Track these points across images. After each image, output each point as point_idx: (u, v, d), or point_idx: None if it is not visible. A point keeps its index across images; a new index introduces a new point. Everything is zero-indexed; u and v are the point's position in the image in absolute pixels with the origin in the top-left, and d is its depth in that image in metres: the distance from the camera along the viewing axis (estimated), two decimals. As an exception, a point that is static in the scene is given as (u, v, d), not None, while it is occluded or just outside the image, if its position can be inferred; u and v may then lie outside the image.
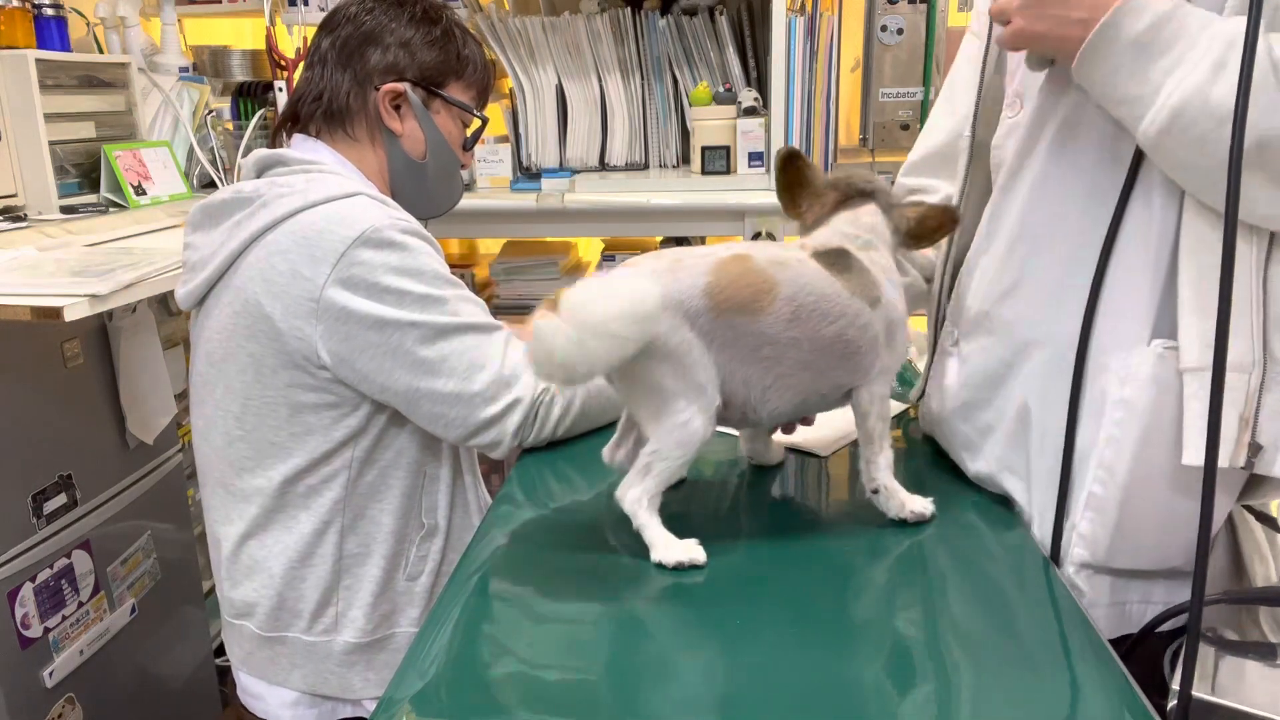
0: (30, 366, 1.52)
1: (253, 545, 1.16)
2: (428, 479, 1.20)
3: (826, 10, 1.92)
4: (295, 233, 1.07)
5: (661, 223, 2.00)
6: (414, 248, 1.08)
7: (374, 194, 1.14)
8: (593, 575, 0.86)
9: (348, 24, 1.20)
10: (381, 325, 1.05)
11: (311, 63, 1.22)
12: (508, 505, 1.02)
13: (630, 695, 0.70)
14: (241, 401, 1.12)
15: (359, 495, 1.15)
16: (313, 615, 1.16)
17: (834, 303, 0.87)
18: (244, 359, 1.10)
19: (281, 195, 1.09)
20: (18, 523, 1.48)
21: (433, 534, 1.21)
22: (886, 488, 0.92)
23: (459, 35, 1.24)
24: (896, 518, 0.92)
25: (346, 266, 1.04)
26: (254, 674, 1.21)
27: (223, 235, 1.12)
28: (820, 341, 0.87)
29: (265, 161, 1.17)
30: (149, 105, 2.09)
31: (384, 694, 0.70)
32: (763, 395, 0.89)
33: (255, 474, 1.14)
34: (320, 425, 1.11)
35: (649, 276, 0.83)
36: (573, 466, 1.11)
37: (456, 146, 1.27)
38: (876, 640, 0.75)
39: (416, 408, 1.10)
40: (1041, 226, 0.92)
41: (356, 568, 1.17)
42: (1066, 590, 0.82)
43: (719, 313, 0.84)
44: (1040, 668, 0.71)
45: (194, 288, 1.15)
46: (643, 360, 0.83)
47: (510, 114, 2.17)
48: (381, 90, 1.18)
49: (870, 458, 0.93)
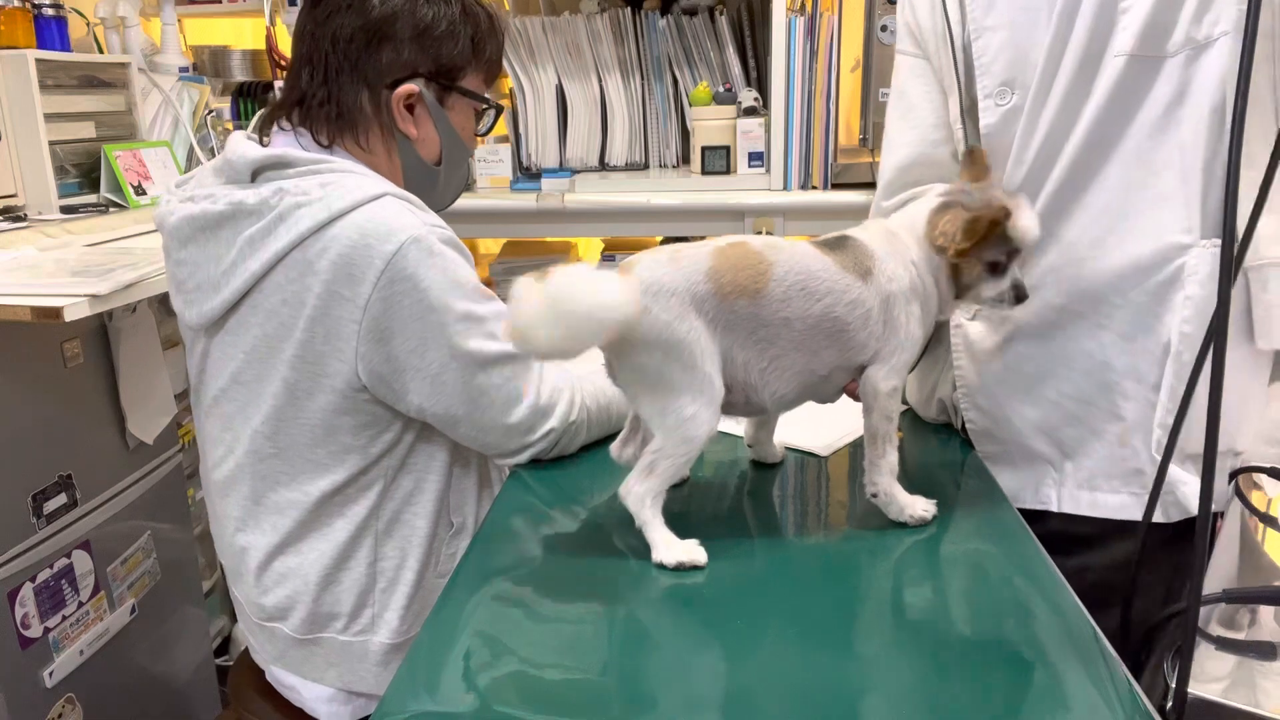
0: (30, 366, 1.52)
1: (288, 555, 1.13)
2: (456, 478, 1.19)
3: (826, 10, 1.92)
4: (329, 250, 0.99)
5: (661, 223, 2.00)
6: (453, 259, 1.03)
7: (398, 192, 1.05)
8: (593, 576, 0.86)
9: (350, 11, 1.06)
10: (424, 348, 1.02)
11: (310, 57, 1.08)
12: (509, 506, 1.02)
13: (630, 695, 0.70)
14: (274, 423, 1.08)
15: (394, 501, 1.14)
16: (350, 617, 1.15)
17: (820, 280, 0.87)
18: (278, 383, 1.06)
19: (298, 205, 1.00)
20: (18, 523, 1.48)
21: (461, 531, 1.20)
22: (887, 493, 0.92)
23: (476, 11, 1.12)
24: (897, 521, 0.92)
25: (389, 284, 0.99)
26: (289, 670, 1.19)
27: (231, 252, 1.04)
28: (809, 320, 0.87)
29: (263, 163, 1.05)
30: (149, 105, 2.09)
31: (385, 694, 0.70)
32: (761, 378, 0.89)
33: (291, 488, 1.11)
34: (357, 444, 1.09)
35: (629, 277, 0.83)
36: (573, 467, 1.12)
37: (469, 139, 1.20)
38: (876, 640, 0.75)
39: (454, 430, 1.10)
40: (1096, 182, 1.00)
41: (393, 571, 1.16)
42: (1067, 589, 0.82)
43: (723, 296, 0.84)
44: (1040, 667, 0.71)
45: (210, 309, 1.07)
46: (648, 353, 0.83)
47: (510, 114, 2.17)
48: (396, 93, 1.09)
49: (872, 459, 0.92)
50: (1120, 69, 0.95)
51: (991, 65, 1.03)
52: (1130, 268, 0.99)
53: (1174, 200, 0.97)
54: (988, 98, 1.04)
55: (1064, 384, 1.05)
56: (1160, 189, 0.97)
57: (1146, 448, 1.01)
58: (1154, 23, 0.93)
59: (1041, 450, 1.09)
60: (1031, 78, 1.01)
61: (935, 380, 1.17)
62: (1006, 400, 1.09)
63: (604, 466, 1.06)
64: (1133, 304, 1.00)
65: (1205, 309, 0.94)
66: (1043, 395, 1.07)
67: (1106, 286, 1.00)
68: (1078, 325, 1.03)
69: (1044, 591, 0.82)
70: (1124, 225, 0.99)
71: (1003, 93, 1.03)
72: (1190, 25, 0.93)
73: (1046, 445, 1.08)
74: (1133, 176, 0.98)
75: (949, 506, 0.95)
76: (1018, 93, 1.02)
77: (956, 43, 1.06)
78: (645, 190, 1.98)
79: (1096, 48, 0.97)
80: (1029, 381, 1.07)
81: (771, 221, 1.91)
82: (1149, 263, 0.98)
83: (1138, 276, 0.99)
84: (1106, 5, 0.95)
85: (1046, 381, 1.06)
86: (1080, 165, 0.99)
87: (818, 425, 1.13)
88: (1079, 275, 1.01)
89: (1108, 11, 0.95)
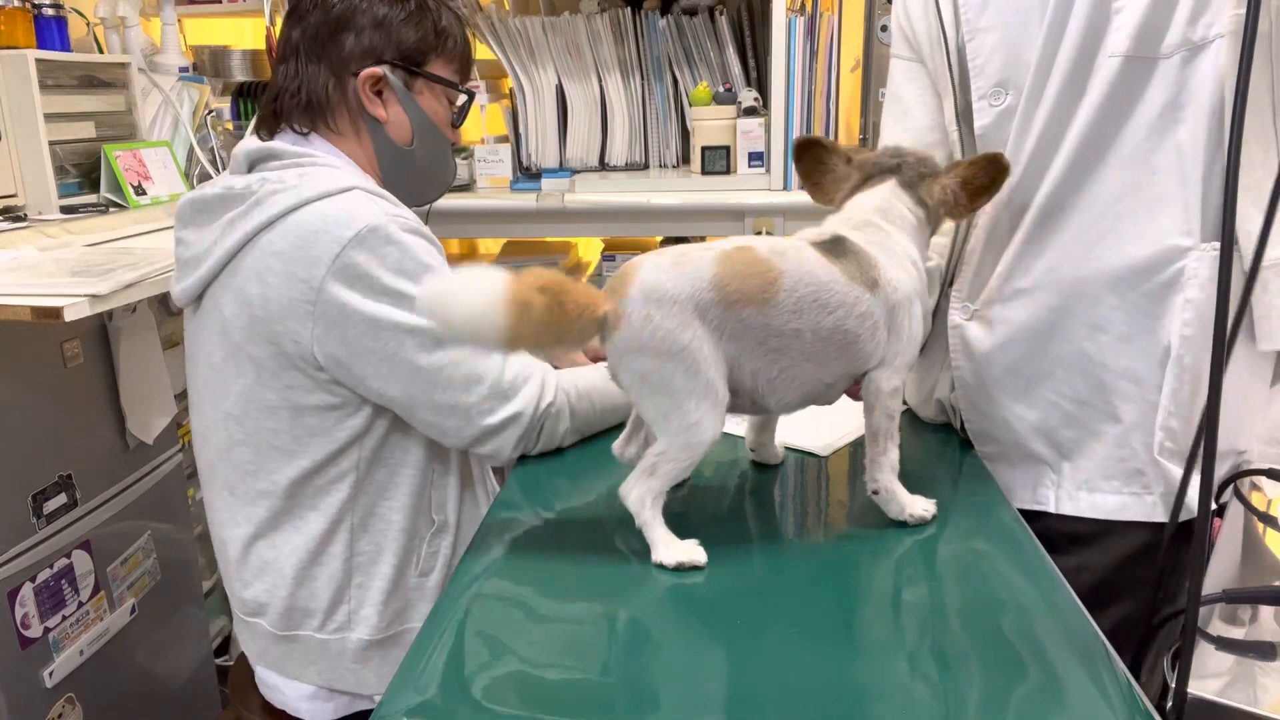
0: (30, 366, 1.52)
1: (262, 546, 1.15)
2: (436, 475, 1.19)
3: (826, 10, 1.92)
4: (290, 232, 1.05)
5: (661, 223, 2.00)
6: (412, 246, 1.06)
7: (370, 187, 1.11)
8: (593, 576, 0.86)
9: (316, 10, 1.15)
10: (378, 329, 1.04)
11: (284, 56, 1.17)
12: (508, 506, 1.02)
13: (630, 695, 0.70)
14: (243, 405, 1.11)
15: (368, 494, 1.15)
16: (325, 614, 1.16)
17: (832, 292, 0.86)
18: (244, 361, 1.09)
19: (275, 192, 1.07)
20: (18, 523, 1.48)
21: (443, 530, 1.21)
22: (888, 489, 0.92)
23: (434, 6, 1.19)
24: (897, 519, 0.92)
25: (343, 266, 1.03)
26: (271, 668, 1.21)
27: (216, 233, 1.10)
28: (821, 332, 0.87)
29: (256, 155, 1.14)
30: (149, 105, 2.09)
31: (384, 694, 0.70)
32: (770, 386, 0.88)
33: (259, 477, 1.13)
34: (323, 427, 1.11)
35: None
36: (573, 467, 1.12)
37: (444, 126, 1.24)
38: (876, 641, 0.75)
39: (413, 415, 1.10)
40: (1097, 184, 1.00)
41: (368, 566, 1.17)
42: (1067, 589, 0.82)
43: (728, 305, 0.83)
44: (1040, 667, 0.71)
45: (189, 285, 1.13)
46: (651, 359, 0.82)
47: (510, 114, 2.17)
48: (360, 77, 1.15)
49: (873, 456, 0.92)
50: (1115, 70, 0.95)
51: (985, 66, 1.03)
52: (1129, 270, 0.99)
53: (1173, 202, 0.96)
54: (982, 99, 1.04)
55: (1062, 385, 1.05)
56: (1159, 191, 0.97)
57: (1146, 449, 1.01)
58: (1148, 24, 0.93)
59: (1039, 451, 1.08)
60: (1025, 78, 1.00)
61: (934, 380, 1.17)
62: (1004, 401, 1.09)
63: (604, 466, 1.06)
64: (1131, 306, 0.99)
65: (1206, 312, 0.94)
66: (1040, 396, 1.06)
67: (1104, 288, 1.00)
68: (1075, 327, 1.03)
69: (1044, 591, 0.82)
70: (1122, 227, 0.99)
71: (997, 93, 1.03)
72: (1186, 27, 0.92)
73: (1044, 446, 1.08)
74: (1130, 178, 0.98)
75: (948, 506, 0.95)
76: (1011, 93, 1.02)
77: (951, 45, 1.06)
78: (645, 190, 1.98)
79: (1090, 48, 0.96)
80: (1026, 383, 1.07)
81: (771, 221, 1.91)
82: (1148, 265, 0.98)
83: (1136, 279, 0.99)
84: (1100, 5, 0.95)
85: (1044, 383, 1.06)
86: (1077, 166, 0.99)
87: (818, 425, 1.13)
88: (1077, 277, 1.01)
89: (1101, 11, 0.95)
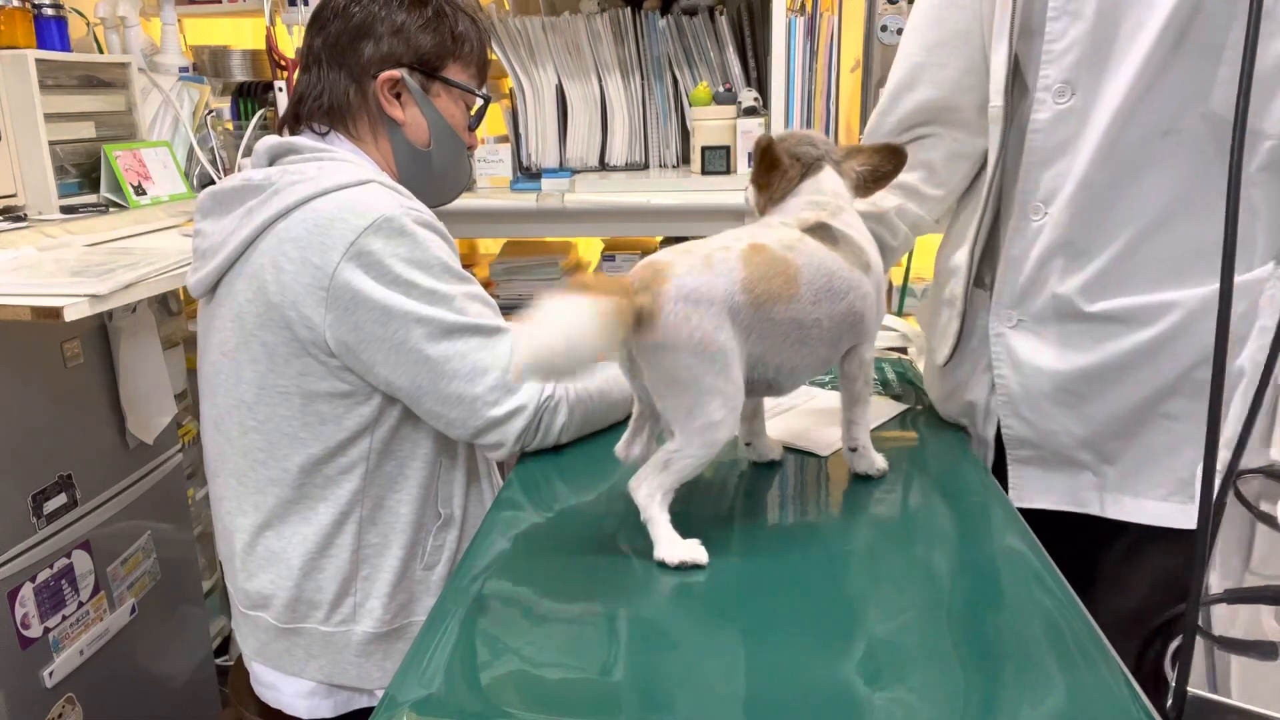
0: (30, 366, 1.52)
1: (270, 536, 1.16)
2: (443, 469, 1.20)
3: (826, 10, 1.92)
4: (307, 220, 1.06)
5: (661, 223, 2.00)
6: (425, 239, 1.08)
7: (387, 181, 1.14)
8: (594, 575, 0.86)
9: (336, 19, 1.19)
10: (388, 317, 1.05)
11: (306, 64, 1.21)
12: (508, 505, 1.02)
13: (631, 694, 0.70)
14: (255, 391, 1.12)
15: (377, 486, 1.16)
16: (331, 605, 1.16)
17: (842, 278, 0.91)
18: (257, 347, 1.10)
19: (294, 182, 1.09)
20: (18, 523, 1.48)
21: (449, 524, 1.22)
22: (865, 447, 1.00)
23: (451, 13, 1.22)
24: (864, 474, 1.00)
25: (358, 252, 1.05)
26: (269, 664, 1.20)
27: (234, 222, 1.12)
28: (835, 317, 0.91)
29: (277, 149, 1.17)
30: (149, 105, 2.09)
31: (385, 694, 0.70)
32: (791, 374, 0.92)
33: (270, 465, 1.14)
34: (333, 414, 1.12)
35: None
36: (573, 466, 1.12)
37: (461, 129, 1.26)
38: (878, 640, 0.75)
39: (419, 404, 1.10)
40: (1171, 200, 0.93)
41: (375, 558, 1.17)
42: (1067, 588, 0.82)
43: (757, 305, 0.86)
44: (1040, 666, 0.71)
45: (205, 275, 1.14)
46: (688, 357, 0.83)
47: (510, 114, 2.17)
48: (379, 79, 1.18)
49: (855, 419, 0.99)
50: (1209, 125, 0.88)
51: (1064, 56, 0.93)
52: (1203, 301, 0.93)
53: (1247, 236, 0.90)
54: (1045, 90, 0.94)
55: (1115, 406, 1.00)
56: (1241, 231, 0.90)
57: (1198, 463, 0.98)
58: None
59: (1083, 459, 1.05)
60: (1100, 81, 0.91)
61: (963, 381, 1.14)
62: (1054, 414, 1.04)
63: (605, 465, 1.06)
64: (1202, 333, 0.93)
65: None
66: (1091, 415, 1.02)
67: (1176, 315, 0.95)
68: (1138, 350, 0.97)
69: (1044, 590, 0.82)
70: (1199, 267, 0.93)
71: (1063, 90, 0.94)
72: None
73: (1090, 455, 1.04)
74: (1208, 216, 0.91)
75: (948, 505, 0.95)
76: (1079, 95, 0.93)
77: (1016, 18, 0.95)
78: (645, 190, 1.98)
79: None
80: (1078, 400, 1.02)
81: (771, 221, 1.91)
82: None
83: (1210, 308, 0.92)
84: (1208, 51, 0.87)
85: (1095, 402, 1.01)
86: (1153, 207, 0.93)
87: (818, 425, 1.14)
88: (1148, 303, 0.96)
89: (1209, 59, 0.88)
